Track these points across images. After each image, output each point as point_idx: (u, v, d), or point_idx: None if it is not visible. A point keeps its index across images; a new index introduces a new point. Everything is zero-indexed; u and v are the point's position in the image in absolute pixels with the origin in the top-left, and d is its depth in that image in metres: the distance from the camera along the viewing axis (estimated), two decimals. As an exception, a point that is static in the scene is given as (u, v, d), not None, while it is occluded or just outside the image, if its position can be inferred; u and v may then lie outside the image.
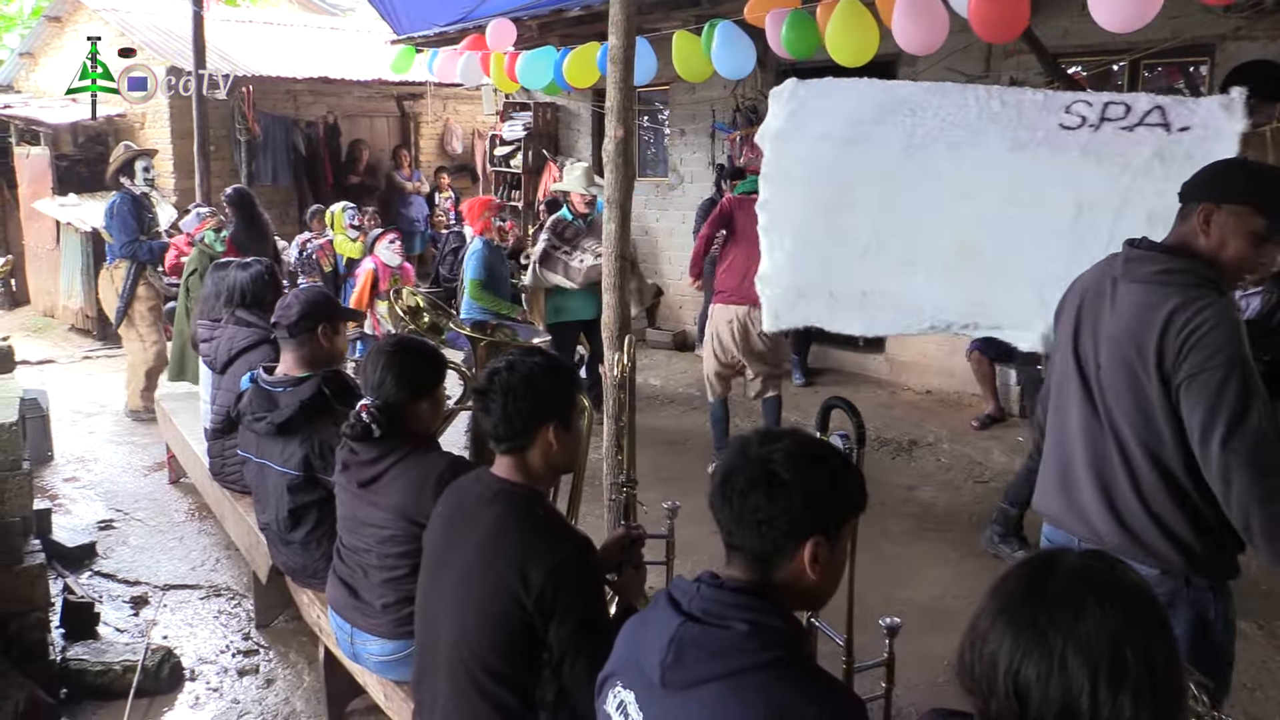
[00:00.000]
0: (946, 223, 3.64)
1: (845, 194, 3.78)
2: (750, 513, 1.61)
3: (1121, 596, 1.31)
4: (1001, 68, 7.08)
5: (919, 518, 5.41)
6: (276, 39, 13.23)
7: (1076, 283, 2.61)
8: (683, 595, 1.65)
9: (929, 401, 7.70)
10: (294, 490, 3.45)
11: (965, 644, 1.39)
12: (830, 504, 1.64)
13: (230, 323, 4.48)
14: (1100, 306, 2.44)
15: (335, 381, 3.51)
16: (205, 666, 4.00)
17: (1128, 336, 2.32)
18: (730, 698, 1.50)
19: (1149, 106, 3.50)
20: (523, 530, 2.24)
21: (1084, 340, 2.47)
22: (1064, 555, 1.39)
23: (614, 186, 3.75)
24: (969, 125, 3.70)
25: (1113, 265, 2.47)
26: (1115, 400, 2.36)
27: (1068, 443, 2.50)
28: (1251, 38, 5.98)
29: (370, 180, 12.42)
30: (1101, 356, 2.40)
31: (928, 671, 3.71)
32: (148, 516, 5.54)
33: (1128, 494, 2.35)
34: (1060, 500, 2.52)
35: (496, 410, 2.30)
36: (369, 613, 2.94)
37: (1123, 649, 1.27)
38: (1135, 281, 2.36)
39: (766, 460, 1.62)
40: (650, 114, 10.09)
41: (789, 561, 1.62)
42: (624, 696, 1.65)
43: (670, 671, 1.57)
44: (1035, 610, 1.32)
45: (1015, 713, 1.31)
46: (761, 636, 1.54)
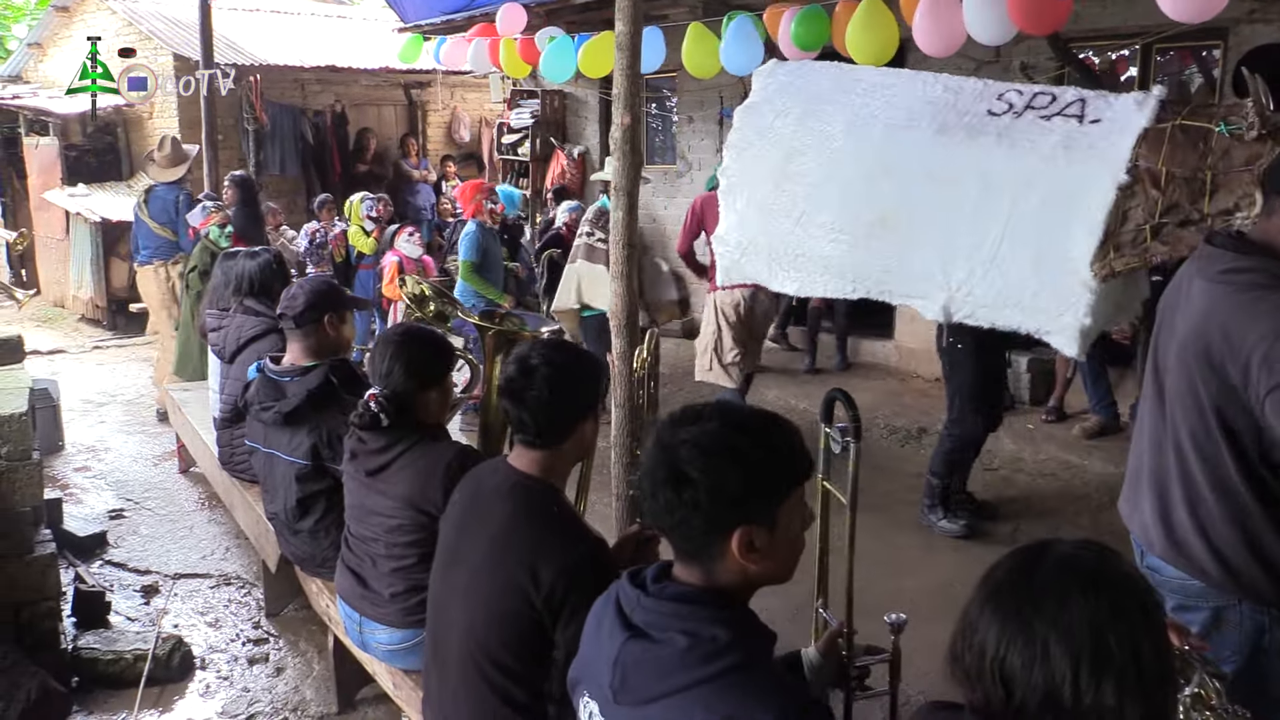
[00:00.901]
0: (871, 196, 3.80)
1: (790, 163, 3.99)
2: (664, 512, 1.52)
3: (1108, 586, 1.30)
4: (1012, 53, 7.02)
5: (929, 505, 5.39)
6: (284, 28, 13.21)
7: (1168, 289, 2.45)
8: (627, 602, 1.59)
9: (939, 389, 7.62)
10: (302, 479, 3.45)
11: (956, 633, 1.39)
12: (751, 493, 1.51)
13: (239, 312, 4.48)
14: (1175, 305, 2.33)
15: (342, 370, 3.51)
16: (216, 655, 4.02)
17: (1191, 340, 2.21)
18: (681, 714, 1.45)
19: (1072, 99, 3.61)
20: (535, 527, 2.22)
21: (1161, 340, 2.38)
22: (1054, 545, 1.39)
23: (621, 174, 3.74)
24: (909, 108, 3.86)
25: (1194, 260, 2.34)
26: (1179, 406, 2.26)
27: (1139, 446, 2.45)
28: (1266, 20, 5.93)
29: (378, 169, 12.40)
30: (1170, 359, 2.30)
31: (936, 660, 3.69)
32: (158, 506, 5.56)
33: (1180, 504, 2.26)
34: (1127, 504, 2.48)
35: (534, 405, 2.24)
36: (377, 602, 2.94)
37: (1106, 638, 1.26)
38: (1205, 280, 2.23)
39: (674, 454, 1.51)
40: (658, 101, 10.06)
41: (722, 554, 1.52)
42: (591, 707, 1.62)
43: (619, 693, 1.53)
44: (1021, 599, 1.32)
45: (1001, 700, 1.32)
46: (700, 650, 1.46)
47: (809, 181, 3.98)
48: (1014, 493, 5.55)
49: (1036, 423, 6.64)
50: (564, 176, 10.40)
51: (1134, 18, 6.37)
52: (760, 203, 4.12)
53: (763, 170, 4.11)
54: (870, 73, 4.26)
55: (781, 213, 4.04)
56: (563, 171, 10.47)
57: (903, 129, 3.82)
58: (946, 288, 3.64)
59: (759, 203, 4.11)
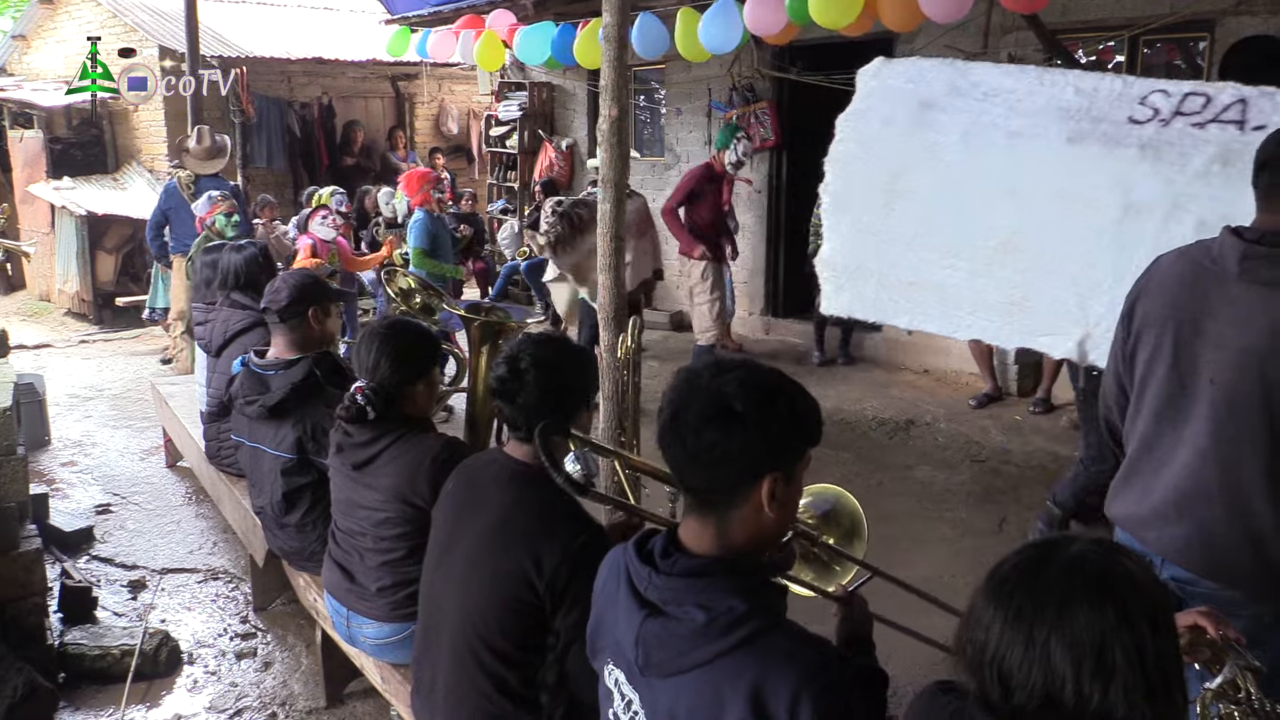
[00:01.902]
0: (992, 216, 3.46)
1: (900, 180, 3.65)
2: (706, 450, 1.51)
3: (1114, 592, 1.28)
4: (1000, 44, 7.03)
5: (917, 497, 5.41)
6: (270, 19, 13.15)
7: (1151, 280, 2.33)
8: (639, 579, 1.59)
9: (927, 381, 7.69)
10: (287, 473, 3.45)
11: (961, 623, 1.40)
12: (788, 438, 1.55)
13: (225, 305, 4.46)
14: (1203, 310, 2.16)
15: (326, 363, 3.50)
16: (203, 650, 4.00)
17: (1262, 350, 2.06)
18: (706, 685, 1.48)
19: (1230, 100, 3.22)
20: (537, 514, 2.22)
21: (1183, 348, 2.20)
22: (1064, 544, 1.36)
23: (609, 166, 3.73)
24: (1034, 113, 3.51)
25: (1215, 261, 2.17)
26: (1235, 417, 2.12)
27: (1162, 458, 2.28)
28: (1252, 12, 5.94)
29: (365, 161, 12.36)
30: (1215, 369, 2.14)
31: (926, 651, 3.71)
32: (145, 500, 5.53)
33: (1230, 516, 2.15)
34: (1142, 512, 2.33)
35: (524, 398, 2.25)
36: (364, 596, 2.94)
37: (1110, 646, 1.25)
38: (1264, 285, 2.07)
39: (720, 393, 1.52)
40: (647, 93, 10.04)
41: (745, 501, 1.54)
42: (617, 675, 1.64)
43: (645, 668, 1.55)
44: (1024, 599, 1.31)
45: (999, 696, 1.32)
46: (719, 623, 1.48)
47: (920, 200, 3.64)
48: (1002, 484, 5.56)
49: (1024, 414, 6.66)
50: (552, 169, 10.38)
51: (1121, 10, 6.38)
52: (868, 225, 3.79)
53: (869, 187, 3.80)
54: (990, 72, 3.86)
55: (891, 236, 3.71)
56: (551, 164, 10.45)
57: (1028, 139, 3.45)
58: (1083, 324, 3.24)
59: (866, 225, 3.80)
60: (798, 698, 1.42)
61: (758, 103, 8.64)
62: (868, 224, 3.77)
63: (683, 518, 1.62)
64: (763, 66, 8.53)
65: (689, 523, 1.60)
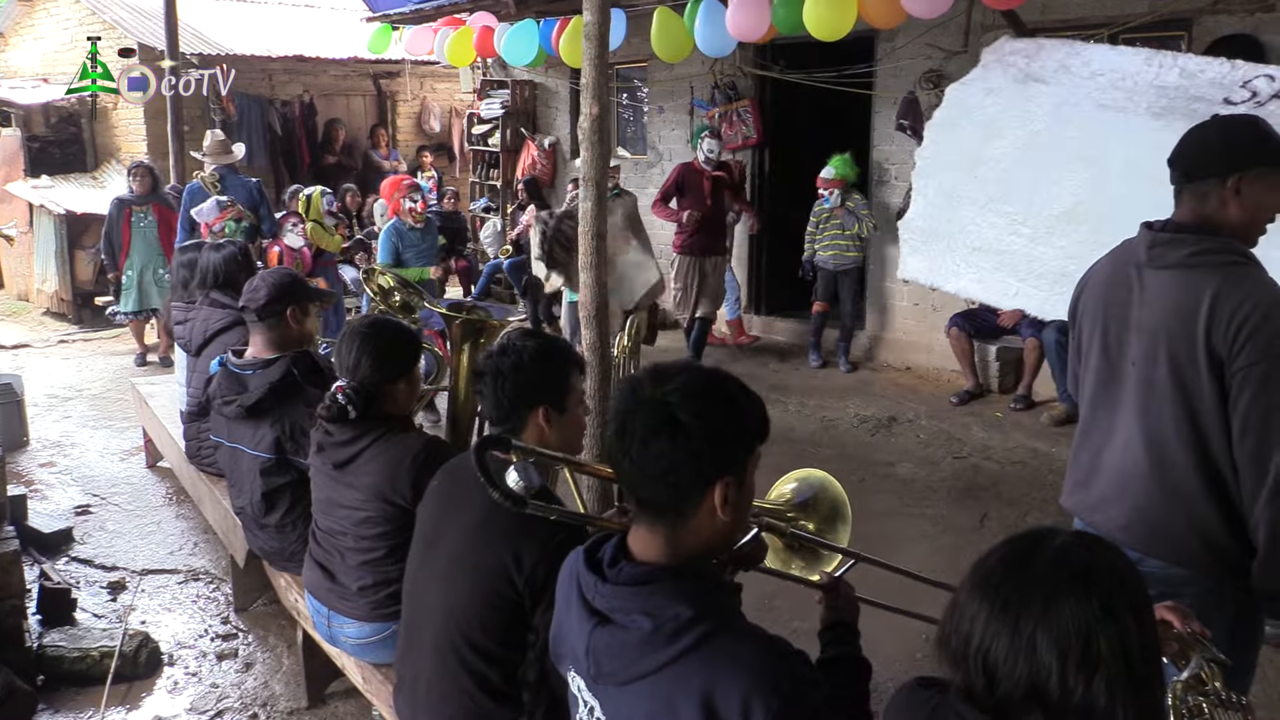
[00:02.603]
0: (1063, 184, 3.49)
1: (989, 146, 3.69)
2: (653, 462, 1.49)
3: (1099, 585, 1.30)
4: (980, 42, 7.04)
5: (899, 494, 5.43)
6: (250, 17, 13.07)
7: (1091, 275, 2.48)
8: (586, 588, 1.57)
9: (909, 378, 7.72)
10: (266, 473, 3.43)
11: (945, 615, 1.40)
12: (736, 441, 1.54)
13: (204, 304, 4.44)
14: (1126, 298, 2.31)
15: (304, 363, 3.48)
16: (184, 651, 3.98)
17: (1168, 328, 2.20)
18: (659, 693, 1.46)
19: None
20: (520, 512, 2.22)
21: (1112, 335, 2.35)
22: (1048, 537, 1.38)
23: (590, 164, 3.72)
24: (1131, 90, 3.52)
25: (1131, 252, 2.33)
26: (1155, 396, 2.24)
27: (1100, 442, 2.40)
28: (1229, 11, 5.99)
29: (347, 160, 12.31)
30: (1136, 351, 2.28)
31: (906, 646, 3.74)
32: (125, 501, 5.50)
33: (1164, 494, 2.25)
34: (1090, 497, 2.43)
35: (489, 392, 2.30)
36: (345, 595, 2.93)
37: (1094, 638, 1.26)
38: (1165, 268, 2.23)
39: (664, 403, 1.49)
40: (629, 91, 10.03)
41: (698, 508, 1.52)
42: (579, 681, 1.63)
43: (598, 679, 1.54)
44: (1010, 591, 1.33)
45: (983, 687, 1.33)
46: (665, 630, 1.46)
47: (1003, 166, 3.66)
48: (983, 480, 5.59)
49: (1005, 410, 6.70)
50: (535, 167, 10.36)
51: (1101, 8, 6.42)
52: (950, 189, 3.83)
53: (959, 153, 3.83)
54: (1103, 52, 3.89)
55: (969, 199, 3.73)
56: (534, 162, 10.43)
57: (1114, 112, 3.45)
58: None
59: (949, 189, 3.83)
60: (749, 701, 1.40)
61: (740, 100, 8.65)
62: (950, 187, 3.83)
63: (632, 525, 1.60)
64: (745, 65, 8.54)
65: (638, 530, 1.58)
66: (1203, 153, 2.26)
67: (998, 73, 3.91)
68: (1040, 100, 3.64)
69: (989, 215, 3.66)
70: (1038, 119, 3.64)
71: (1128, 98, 3.49)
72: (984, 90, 3.84)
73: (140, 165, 8.38)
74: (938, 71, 7.33)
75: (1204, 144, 2.27)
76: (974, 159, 3.75)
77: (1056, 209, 3.50)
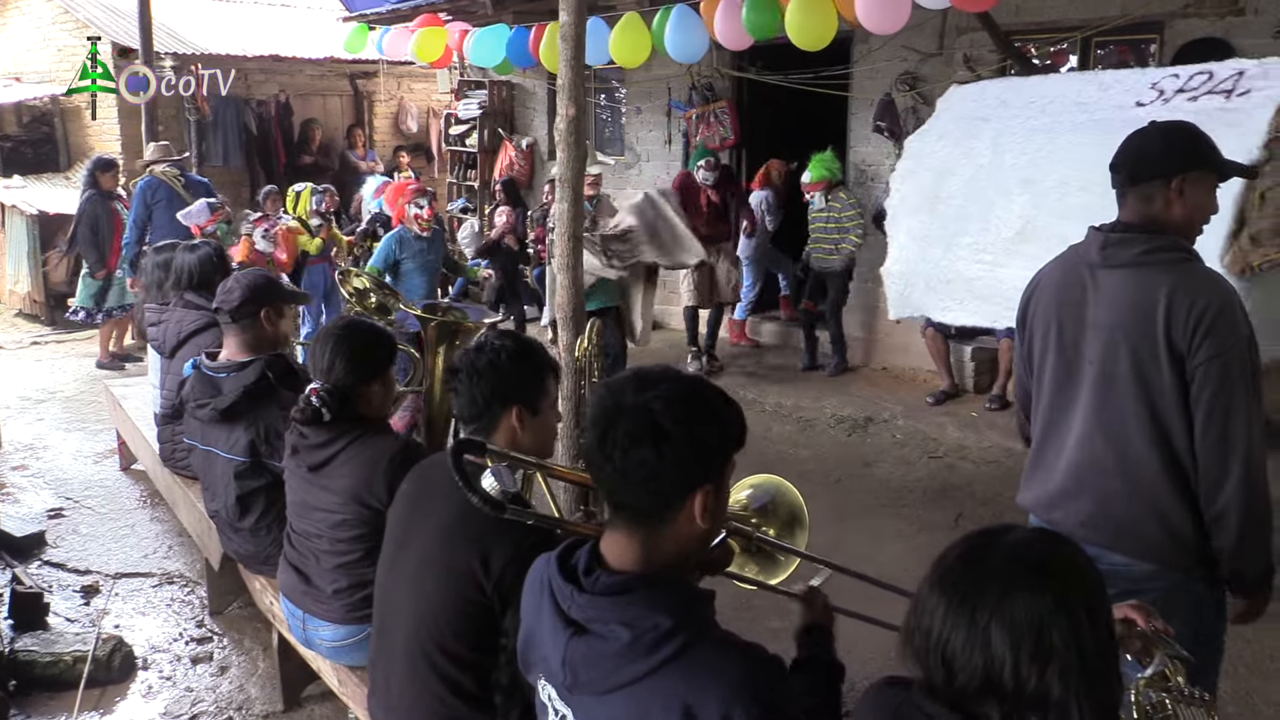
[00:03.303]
0: (1010, 208, 3.68)
1: (942, 186, 3.92)
2: (636, 469, 1.48)
3: (1053, 579, 1.33)
4: (955, 44, 7.11)
5: (875, 493, 5.47)
6: (225, 16, 12.98)
7: (1040, 280, 2.51)
8: (561, 597, 1.55)
9: (885, 378, 7.76)
10: (241, 476, 3.41)
11: (909, 612, 1.43)
12: (716, 448, 1.54)
13: (179, 305, 4.40)
14: (1080, 298, 2.35)
15: (279, 365, 3.46)
16: (158, 655, 3.95)
17: (1126, 325, 2.24)
18: (637, 704, 1.46)
19: (1229, 73, 3.40)
20: (488, 515, 2.21)
21: (1068, 335, 2.38)
22: (1007, 533, 1.41)
23: (566, 165, 3.73)
24: (1057, 111, 3.70)
25: (1081, 254, 2.38)
26: (1115, 393, 2.28)
27: (1060, 441, 2.43)
28: (1200, 15, 6.05)
29: (323, 160, 12.24)
30: (1093, 350, 2.31)
31: (882, 645, 3.74)
32: (98, 504, 5.45)
33: (1128, 490, 2.28)
34: (1046, 494, 2.45)
35: (463, 390, 2.29)
36: (320, 598, 2.92)
37: (1048, 631, 1.29)
38: (1120, 267, 2.28)
39: (647, 409, 1.49)
40: (607, 92, 10.04)
41: (677, 515, 1.52)
42: (549, 690, 1.62)
43: (574, 689, 1.53)
44: (967, 585, 1.36)
45: (943, 680, 1.36)
46: (644, 641, 1.45)
47: (957, 203, 3.88)
48: (958, 480, 5.63)
49: (980, 410, 6.74)
50: (512, 168, 10.35)
51: (1074, 11, 6.48)
52: (918, 232, 4.06)
53: (920, 197, 4.06)
54: (1036, 82, 4.20)
55: (934, 238, 3.95)
56: (511, 162, 10.42)
57: (1044, 133, 3.66)
58: None
59: (916, 232, 4.06)
60: (728, 711, 1.40)
61: (717, 102, 8.68)
62: (918, 230, 4.06)
63: (606, 531, 1.59)
64: (722, 66, 8.56)
65: (614, 537, 1.57)
66: (1146, 157, 2.33)
67: (947, 119, 4.16)
68: (983, 136, 3.86)
69: (954, 249, 3.87)
70: (982, 153, 3.86)
71: (1054, 119, 3.70)
72: (936, 136, 4.08)
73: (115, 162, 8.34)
74: (913, 74, 7.38)
75: (1146, 149, 2.35)
76: (933, 199, 3.97)
77: (1008, 232, 3.69)
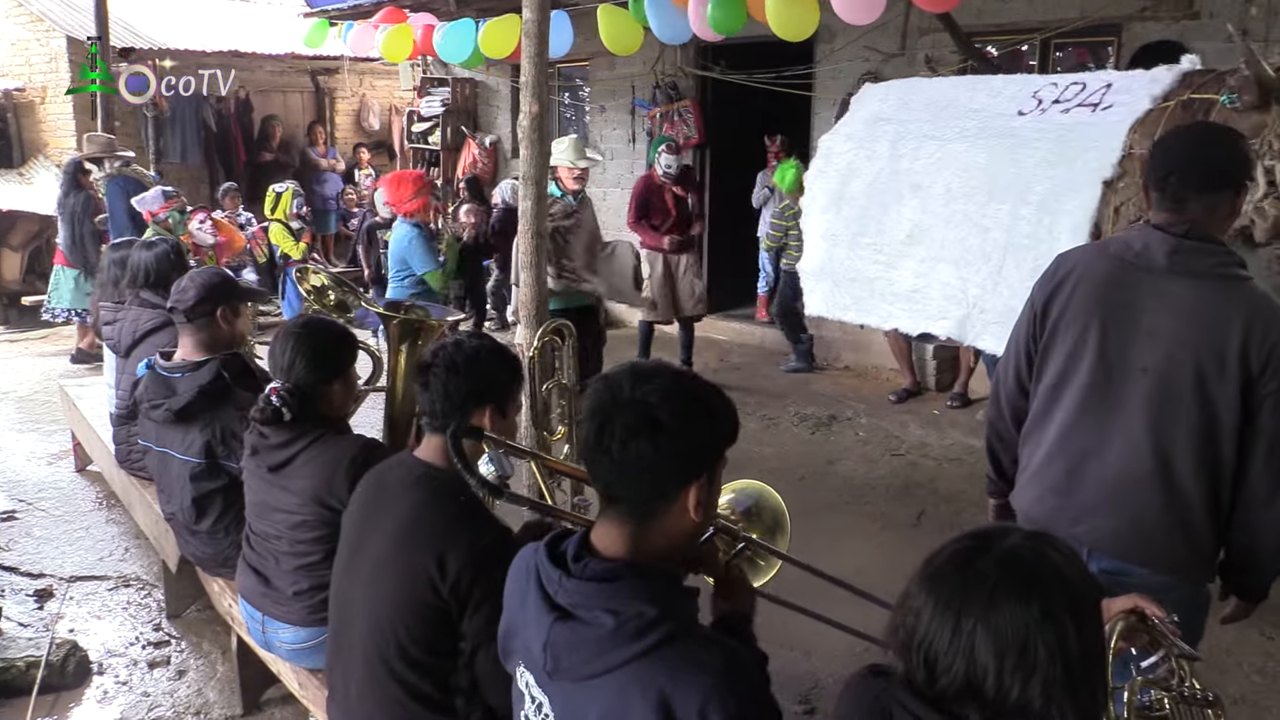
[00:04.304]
0: (903, 212, 3.78)
1: (846, 186, 3.99)
2: (634, 461, 1.50)
3: (1043, 589, 1.31)
4: (918, 45, 7.16)
5: (838, 491, 5.49)
6: (184, 10, 12.80)
7: (1076, 271, 2.37)
8: (549, 582, 1.57)
9: (848, 377, 7.80)
10: (197, 478, 3.35)
11: (896, 605, 1.42)
12: (711, 443, 1.57)
13: (134, 304, 4.33)
14: (1133, 301, 2.24)
15: (235, 365, 3.41)
16: (114, 659, 3.88)
17: (1196, 339, 2.16)
18: (615, 691, 1.47)
19: (1099, 85, 3.48)
20: (443, 516, 2.20)
21: (1113, 338, 2.26)
22: (1001, 537, 1.39)
23: (530, 163, 3.71)
24: (951, 116, 3.79)
25: (1140, 255, 2.25)
26: (1172, 404, 2.20)
27: (1087, 446, 2.32)
28: (1156, 19, 6.14)
29: (284, 157, 12.12)
30: (1150, 359, 2.21)
31: (847, 642, 3.76)
32: (52, 506, 5.35)
33: (1164, 502, 2.23)
34: (1071, 507, 2.35)
35: (437, 386, 2.25)
36: (280, 600, 2.88)
37: (1033, 641, 1.28)
38: (1195, 276, 2.18)
39: (645, 403, 1.51)
40: (571, 90, 10.01)
41: (670, 508, 1.55)
42: (528, 677, 1.62)
43: (553, 673, 1.53)
44: (955, 588, 1.34)
45: (924, 680, 1.35)
46: (628, 628, 1.46)
47: (859, 204, 3.95)
48: (920, 477, 5.67)
49: (942, 408, 6.80)
50: (476, 165, 10.30)
51: (1033, 13, 6.55)
52: (825, 230, 4.12)
53: (827, 196, 4.11)
54: (936, 85, 4.22)
55: (839, 238, 4.03)
56: (474, 160, 10.37)
57: (934, 141, 3.75)
58: (964, 303, 3.53)
59: (824, 231, 4.13)
60: (706, 705, 1.41)
61: (681, 101, 8.68)
62: (825, 229, 4.12)
63: (598, 521, 1.61)
64: (686, 65, 8.56)
65: (605, 526, 1.59)
66: (1217, 164, 2.23)
67: (856, 119, 4.21)
68: (883, 138, 3.94)
69: (855, 249, 3.96)
70: (881, 156, 3.93)
71: (945, 125, 3.80)
72: (845, 136, 4.14)
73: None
74: (876, 74, 7.40)
75: (1215, 156, 2.25)
76: (839, 200, 4.05)
77: (900, 234, 3.78)
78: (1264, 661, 3.77)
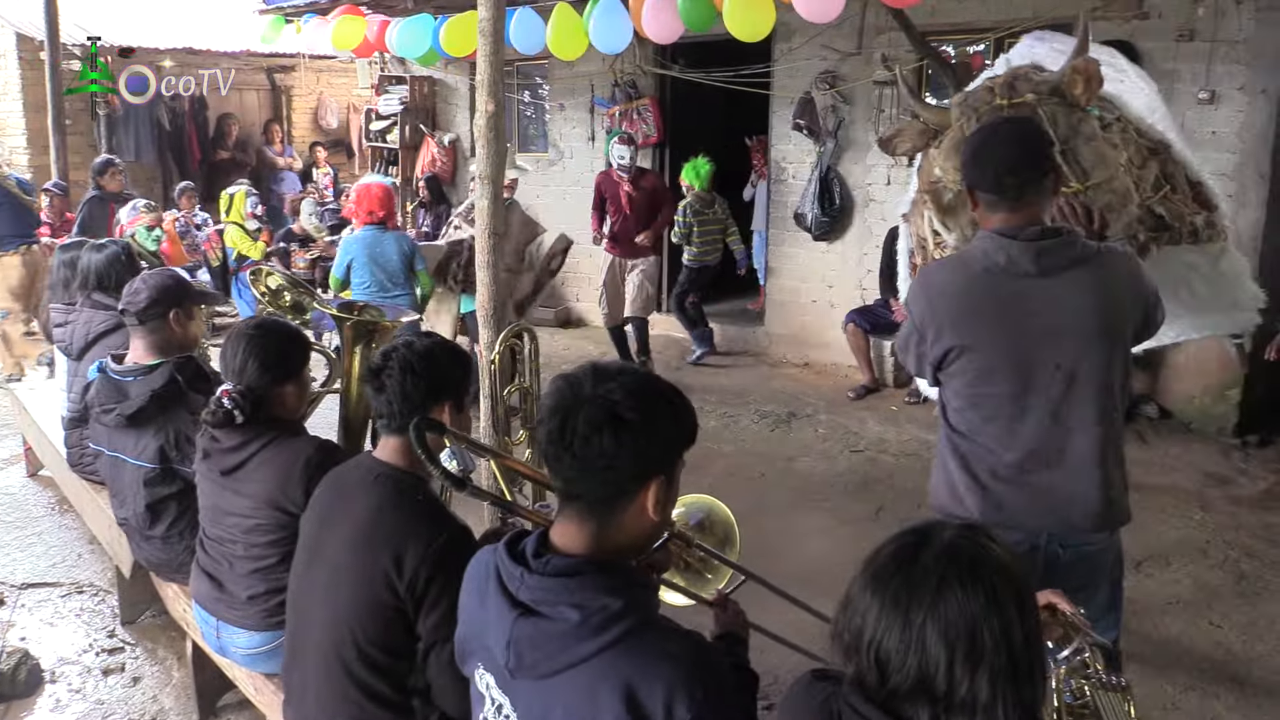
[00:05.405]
0: None
1: None
2: (596, 458, 1.51)
3: (985, 577, 1.34)
4: (874, 44, 7.21)
5: (798, 489, 5.52)
6: (137, 6, 12.58)
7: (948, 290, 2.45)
8: (510, 579, 1.57)
9: (807, 374, 7.85)
10: (150, 484, 3.31)
11: (839, 608, 1.43)
12: (672, 441, 1.59)
13: (86, 306, 4.27)
14: (1020, 307, 2.34)
15: (188, 368, 3.37)
16: (67, 667, 3.83)
17: (1089, 325, 2.31)
18: (581, 686, 1.48)
19: None
20: (400, 515, 2.20)
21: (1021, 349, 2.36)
22: (937, 531, 1.41)
23: (486, 161, 3.69)
24: None
25: (1002, 268, 2.34)
26: (1091, 387, 2.34)
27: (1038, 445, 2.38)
28: (1107, 18, 6.21)
29: (240, 156, 11.98)
30: (1061, 354, 2.33)
31: (805, 639, 3.79)
32: (3, 512, 5.26)
33: (1105, 470, 2.38)
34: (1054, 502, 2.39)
35: (394, 388, 2.25)
36: (234, 605, 2.85)
37: (980, 630, 1.30)
38: (1062, 270, 2.31)
39: (607, 400, 1.52)
40: (530, 88, 9.97)
41: (629, 506, 1.56)
42: (488, 679, 1.62)
43: (516, 670, 1.54)
44: (900, 584, 1.36)
45: (875, 680, 1.37)
46: (593, 621, 1.47)
47: None
48: (879, 473, 5.71)
49: (900, 404, 6.86)
50: (435, 164, 10.23)
51: (987, 13, 6.61)
52: None
53: None
54: None
55: None
56: (434, 159, 10.30)
57: None
58: None
59: None
60: (672, 696, 1.43)
61: (640, 99, 8.68)
62: None
63: (557, 519, 1.61)
64: (645, 64, 8.56)
65: (564, 524, 1.59)
66: (1033, 156, 2.38)
67: None
68: None
69: None
70: None
71: None
72: None
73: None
74: (833, 72, 7.47)
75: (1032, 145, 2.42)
76: None
77: None
78: (1211, 649, 3.85)
